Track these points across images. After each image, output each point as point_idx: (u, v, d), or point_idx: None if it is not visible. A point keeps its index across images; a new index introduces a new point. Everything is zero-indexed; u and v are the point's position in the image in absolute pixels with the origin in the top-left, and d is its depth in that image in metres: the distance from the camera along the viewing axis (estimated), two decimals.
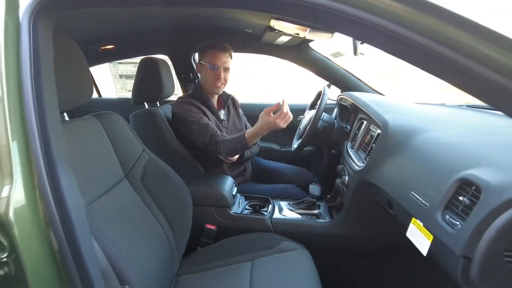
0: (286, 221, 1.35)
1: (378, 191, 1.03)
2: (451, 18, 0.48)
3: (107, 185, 0.96)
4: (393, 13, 0.50)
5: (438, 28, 0.48)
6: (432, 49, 0.49)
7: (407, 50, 0.53)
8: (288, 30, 1.32)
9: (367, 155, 1.16)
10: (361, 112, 1.38)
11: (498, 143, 0.79)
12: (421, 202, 0.76)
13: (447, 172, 0.72)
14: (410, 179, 0.85)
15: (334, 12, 0.53)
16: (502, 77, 0.45)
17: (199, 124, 1.46)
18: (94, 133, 0.99)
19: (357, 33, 0.62)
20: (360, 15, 0.52)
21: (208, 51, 1.52)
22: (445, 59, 0.49)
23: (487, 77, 0.46)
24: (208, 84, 1.56)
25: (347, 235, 1.29)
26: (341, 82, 1.92)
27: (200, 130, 1.46)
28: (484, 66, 0.46)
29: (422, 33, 0.49)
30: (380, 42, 0.56)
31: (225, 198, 1.31)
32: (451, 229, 0.64)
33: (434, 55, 0.49)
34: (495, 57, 0.46)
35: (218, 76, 1.53)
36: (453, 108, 1.41)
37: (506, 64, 0.45)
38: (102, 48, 1.86)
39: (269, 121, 1.29)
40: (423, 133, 0.96)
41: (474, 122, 1.10)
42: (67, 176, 0.61)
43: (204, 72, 1.55)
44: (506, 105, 0.49)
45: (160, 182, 1.12)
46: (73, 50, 0.88)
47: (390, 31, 0.50)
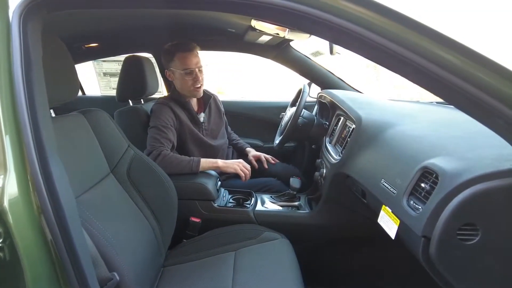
0: (268, 212, 1.41)
1: (353, 182, 1.10)
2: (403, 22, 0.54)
3: (94, 179, 0.98)
4: (358, 17, 0.56)
5: (393, 29, 0.54)
6: (389, 48, 0.55)
7: (370, 50, 0.59)
8: (268, 30, 1.38)
9: (343, 149, 1.23)
10: (338, 109, 1.45)
11: (457, 135, 0.86)
12: (389, 190, 0.83)
13: (412, 161, 0.79)
14: (380, 170, 0.93)
15: (306, 16, 0.58)
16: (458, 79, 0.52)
17: (156, 129, 1.44)
18: (80, 130, 1.01)
19: (328, 35, 0.67)
20: (328, 18, 0.57)
21: (177, 55, 1.50)
22: (405, 60, 0.55)
23: (442, 76, 0.53)
24: (186, 90, 1.55)
25: (325, 224, 1.37)
26: (321, 81, 1.98)
27: (152, 136, 1.43)
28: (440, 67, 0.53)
29: (379, 34, 0.55)
30: (348, 44, 0.62)
31: (209, 192, 1.35)
32: (413, 213, 0.71)
33: (392, 54, 0.55)
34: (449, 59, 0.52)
35: (196, 79, 1.51)
36: (424, 105, 1.51)
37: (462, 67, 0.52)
38: (86, 46, 1.86)
39: (232, 165, 1.46)
40: (393, 127, 1.03)
41: (439, 116, 1.19)
42: (58, 167, 0.64)
43: (180, 78, 1.53)
44: (458, 101, 0.56)
45: (145, 177, 1.15)
46: (60, 49, 0.91)
47: (355, 32, 0.56)
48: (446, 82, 0.53)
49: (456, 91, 0.53)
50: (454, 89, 0.53)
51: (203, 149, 1.62)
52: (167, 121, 1.47)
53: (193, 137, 1.59)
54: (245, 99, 2.42)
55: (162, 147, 1.40)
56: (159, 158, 1.36)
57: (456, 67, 0.52)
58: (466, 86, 0.52)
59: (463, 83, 0.52)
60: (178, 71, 1.51)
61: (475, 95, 0.52)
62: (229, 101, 2.30)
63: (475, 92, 0.52)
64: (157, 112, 1.50)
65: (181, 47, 1.50)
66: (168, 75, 1.58)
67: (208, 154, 1.60)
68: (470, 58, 0.52)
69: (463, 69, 0.52)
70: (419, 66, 0.54)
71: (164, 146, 1.41)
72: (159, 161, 1.34)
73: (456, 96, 0.54)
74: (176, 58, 1.50)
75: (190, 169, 1.39)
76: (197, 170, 1.40)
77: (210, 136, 1.67)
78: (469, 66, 0.51)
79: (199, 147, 1.61)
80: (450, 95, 0.56)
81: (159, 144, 1.41)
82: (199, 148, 1.61)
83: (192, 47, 1.51)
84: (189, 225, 1.35)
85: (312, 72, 1.99)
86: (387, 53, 0.55)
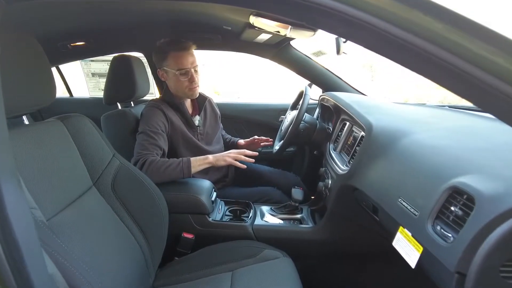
0: (268, 227, 1.30)
1: (363, 195, 0.99)
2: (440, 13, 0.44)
3: (73, 195, 0.89)
4: (380, 8, 0.45)
5: (424, 23, 0.44)
6: (418, 46, 0.45)
7: (393, 49, 0.49)
8: (268, 27, 1.26)
9: (351, 158, 1.13)
10: (343, 113, 1.34)
11: (482, 147, 0.76)
12: (409, 210, 0.72)
13: (436, 178, 0.69)
14: (396, 185, 0.82)
15: (320, 8, 0.48)
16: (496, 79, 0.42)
17: (145, 135, 1.33)
18: (58, 138, 0.91)
19: (341, 30, 0.57)
20: (348, 11, 0.47)
21: (171, 54, 1.39)
22: (435, 59, 0.45)
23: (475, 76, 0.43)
24: (181, 91, 1.45)
25: (330, 240, 1.26)
26: (323, 82, 1.89)
27: (139, 143, 1.32)
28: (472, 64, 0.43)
29: (408, 29, 0.45)
30: (365, 40, 0.52)
31: (203, 205, 1.24)
32: (443, 242, 0.60)
33: (423, 54, 0.45)
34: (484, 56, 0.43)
35: (192, 80, 1.41)
36: (434, 109, 1.40)
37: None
38: (72, 45, 1.74)
39: (222, 157, 1.34)
40: (407, 136, 0.92)
41: (456, 123, 1.08)
42: (14, 190, 0.53)
43: (174, 79, 1.42)
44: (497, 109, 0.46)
45: (132, 189, 1.05)
46: (32, 48, 0.81)
47: (376, 27, 0.46)
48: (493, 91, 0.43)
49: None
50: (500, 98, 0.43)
51: (198, 155, 1.50)
52: (157, 126, 1.36)
53: (186, 142, 1.48)
54: (242, 101, 2.30)
55: (149, 154, 1.28)
56: (145, 166, 1.24)
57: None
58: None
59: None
60: (172, 71, 1.40)
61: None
62: (225, 103, 2.18)
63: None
64: (147, 116, 1.39)
65: (176, 46, 1.39)
66: (161, 75, 1.46)
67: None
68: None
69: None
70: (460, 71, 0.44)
71: (152, 153, 1.29)
72: (146, 170, 1.22)
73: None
74: (170, 57, 1.39)
75: (181, 172, 1.27)
76: (188, 172, 1.28)
77: (205, 141, 1.56)
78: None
79: (193, 153, 1.49)
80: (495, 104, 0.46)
81: (147, 151, 1.29)
82: (193, 154, 1.49)
83: (188, 46, 1.40)
84: (181, 241, 1.24)
85: (313, 73, 1.89)
86: (421, 56, 0.45)
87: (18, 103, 0.79)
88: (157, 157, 1.29)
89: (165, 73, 1.44)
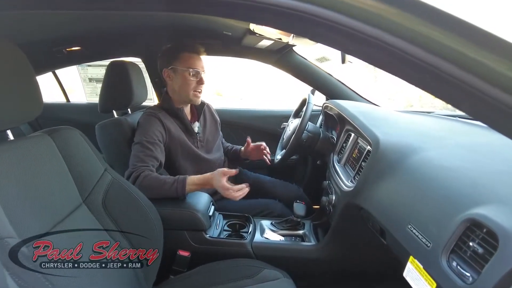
0: (268, 245, 1.23)
1: (369, 215, 0.93)
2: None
3: (62, 213, 0.83)
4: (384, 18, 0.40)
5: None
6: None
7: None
8: (270, 34, 1.21)
9: (356, 174, 1.06)
10: (348, 124, 1.28)
11: (504, 170, 0.69)
12: (420, 240, 0.66)
13: (450, 207, 0.63)
14: (406, 209, 0.75)
15: (321, 21, 0.42)
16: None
17: (141, 146, 1.26)
18: (45, 154, 0.85)
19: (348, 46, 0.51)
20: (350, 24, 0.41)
21: (184, 54, 1.34)
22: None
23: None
24: (184, 94, 1.38)
25: (335, 259, 1.19)
26: (326, 89, 1.82)
27: (135, 155, 1.26)
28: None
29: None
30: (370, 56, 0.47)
31: (199, 221, 1.17)
32: (460, 282, 0.54)
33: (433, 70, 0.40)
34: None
35: (201, 82, 1.36)
36: (443, 120, 1.32)
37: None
38: (67, 49, 1.69)
39: (221, 185, 1.19)
40: (417, 153, 0.86)
41: (471, 139, 1.00)
42: None
43: (181, 79, 1.35)
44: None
45: (124, 206, 0.99)
46: (16, 58, 0.75)
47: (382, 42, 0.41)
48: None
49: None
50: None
51: (197, 163, 1.44)
52: (154, 135, 1.29)
53: (185, 150, 1.41)
54: (242, 106, 2.23)
55: (144, 167, 1.21)
56: (138, 180, 1.18)
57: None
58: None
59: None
60: (182, 69, 1.34)
61: None
62: (224, 109, 2.12)
63: None
64: (144, 125, 1.32)
65: (188, 48, 1.36)
66: (167, 75, 1.39)
67: (203, 169, 1.39)
68: None
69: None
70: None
71: (148, 165, 1.23)
72: (139, 184, 1.16)
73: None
74: (182, 57, 1.34)
75: (175, 192, 1.19)
76: (182, 192, 1.20)
77: (204, 148, 1.50)
78: None
79: (192, 162, 1.43)
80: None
81: (142, 164, 1.22)
82: (192, 163, 1.43)
83: (200, 51, 1.38)
84: (176, 259, 1.18)
85: (317, 80, 1.83)
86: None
87: (2, 118, 0.74)
88: (152, 172, 1.22)
89: (172, 73, 1.37)
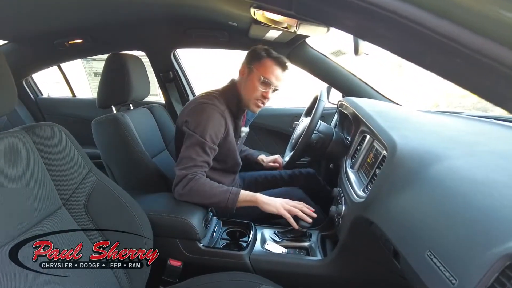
0: (268, 258, 1.10)
1: (381, 233, 0.79)
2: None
3: (37, 217, 0.77)
4: None
5: None
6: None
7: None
8: (273, 22, 1.08)
9: (369, 182, 0.92)
10: (363, 125, 1.14)
11: None
12: (443, 273, 0.52)
13: (485, 234, 0.49)
14: (425, 231, 0.61)
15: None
16: None
17: (201, 148, 1.16)
18: (20, 152, 0.78)
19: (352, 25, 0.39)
20: None
21: (268, 60, 1.22)
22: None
23: None
24: (246, 97, 1.27)
25: (341, 276, 1.05)
26: (343, 85, 1.68)
27: (191, 155, 1.16)
28: None
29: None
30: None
31: (193, 230, 1.06)
32: None
33: None
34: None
35: (266, 96, 1.25)
36: (474, 121, 1.15)
37: None
38: (69, 42, 1.63)
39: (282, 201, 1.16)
40: (441, 161, 0.71)
41: (508, 146, 0.84)
42: None
43: (250, 81, 1.25)
44: None
45: (109, 210, 0.91)
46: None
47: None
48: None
49: None
50: None
51: (227, 167, 1.40)
52: (216, 139, 1.21)
53: (229, 154, 1.34)
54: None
55: (199, 171, 1.16)
56: (191, 182, 1.12)
57: None
58: None
59: None
60: (257, 74, 1.23)
61: None
62: None
63: None
64: (210, 120, 1.19)
65: (276, 58, 1.23)
66: (242, 70, 1.29)
67: (230, 171, 1.42)
68: None
69: None
70: None
71: (202, 170, 1.17)
72: (190, 187, 1.12)
73: None
74: (265, 62, 1.23)
75: (225, 204, 1.13)
76: (232, 205, 1.13)
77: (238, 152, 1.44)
78: None
79: (225, 165, 1.38)
80: None
81: (197, 168, 1.16)
82: (225, 165, 1.38)
83: (285, 66, 1.25)
84: (167, 269, 1.08)
85: (332, 75, 1.69)
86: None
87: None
88: (204, 176, 1.17)
89: (247, 71, 1.26)
